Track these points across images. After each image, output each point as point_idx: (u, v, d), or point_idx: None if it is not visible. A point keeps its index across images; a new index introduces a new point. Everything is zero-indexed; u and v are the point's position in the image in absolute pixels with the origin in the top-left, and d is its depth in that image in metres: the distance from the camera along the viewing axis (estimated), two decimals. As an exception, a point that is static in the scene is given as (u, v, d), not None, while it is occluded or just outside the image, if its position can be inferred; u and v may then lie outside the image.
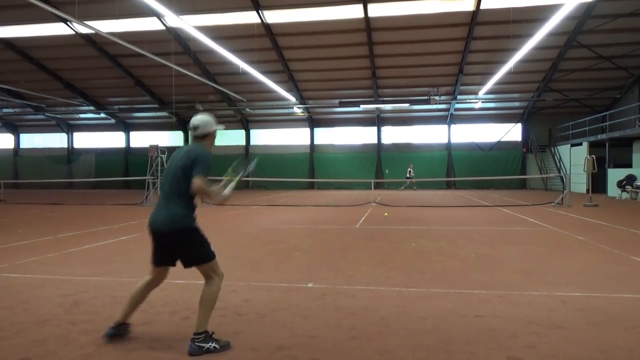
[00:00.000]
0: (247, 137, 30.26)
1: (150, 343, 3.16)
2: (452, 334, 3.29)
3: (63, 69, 25.17)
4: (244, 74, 21.19)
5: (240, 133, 30.25)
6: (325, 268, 5.55)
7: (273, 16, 19.30)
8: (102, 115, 29.94)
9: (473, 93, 24.75)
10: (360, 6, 18.12)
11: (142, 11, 18.14)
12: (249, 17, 19.14)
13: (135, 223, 10.33)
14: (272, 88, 22.16)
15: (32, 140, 33.69)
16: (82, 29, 20.20)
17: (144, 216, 11.72)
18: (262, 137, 30.45)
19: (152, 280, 3.27)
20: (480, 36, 20.10)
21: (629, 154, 19.30)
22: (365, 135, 29.27)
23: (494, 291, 4.42)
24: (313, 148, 29.64)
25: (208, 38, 15.67)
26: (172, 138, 31.04)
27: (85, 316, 3.71)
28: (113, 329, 3.20)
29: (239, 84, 24.19)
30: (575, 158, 22.30)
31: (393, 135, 29.13)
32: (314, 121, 29.59)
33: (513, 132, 27.96)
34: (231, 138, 30.03)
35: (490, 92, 24.23)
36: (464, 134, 28.35)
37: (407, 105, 25.67)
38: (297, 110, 27.35)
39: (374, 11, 18.54)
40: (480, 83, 23.12)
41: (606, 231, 8.64)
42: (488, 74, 21.51)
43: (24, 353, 2.98)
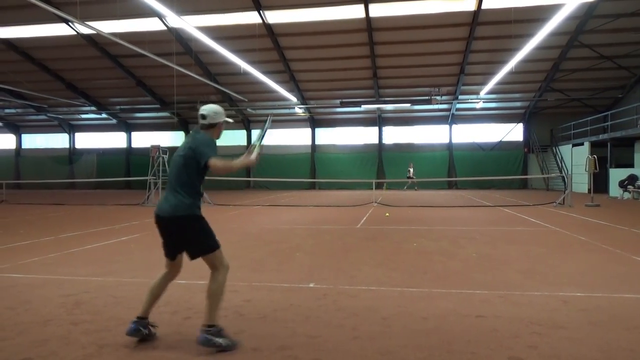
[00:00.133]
0: (249, 137, 30.28)
1: (151, 343, 3.17)
2: (454, 334, 3.28)
3: (65, 70, 25.23)
4: (246, 74, 21.21)
5: (241, 133, 30.27)
6: (326, 268, 5.55)
7: (274, 16, 19.33)
8: (104, 115, 30.01)
9: (474, 93, 24.73)
10: (361, 6, 18.12)
11: (144, 12, 18.19)
12: (250, 18, 19.17)
13: (136, 223, 10.34)
14: (274, 88, 22.18)
15: (34, 140, 33.76)
16: (84, 30, 20.23)
17: (146, 216, 11.77)
18: (264, 137, 30.41)
19: (168, 273, 3.31)
20: (481, 36, 20.09)
21: (631, 154, 19.26)
22: (366, 135, 29.28)
23: (496, 291, 4.41)
24: (314, 148, 29.65)
25: (209, 38, 15.68)
26: (174, 138, 31.08)
27: (86, 316, 3.72)
28: (134, 324, 3.15)
29: (240, 84, 24.22)
30: (576, 158, 22.26)
31: (394, 135, 29.12)
32: (316, 121, 29.60)
33: (514, 132, 27.94)
34: (232, 138, 30.05)
35: (491, 92, 24.21)
36: (466, 134, 28.33)
37: (409, 105, 25.67)
38: (299, 110, 27.37)
39: (375, 11, 18.55)
40: (481, 83, 23.11)
41: (608, 231, 8.63)
42: (489, 74, 21.49)
43: (26, 353, 2.99)
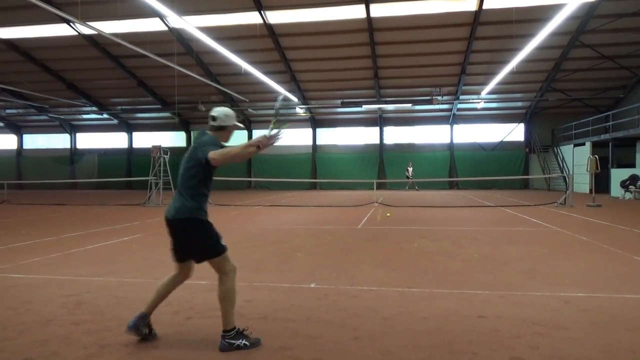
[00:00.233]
0: (250, 138, 30.29)
1: (153, 343, 3.17)
2: (455, 335, 3.28)
3: (66, 70, 25.26)
4: (247, 75, 21.22)
5: (242, 133, 30.25)
6: (327, 268, 5.55)
7: (275, 17, 19.33)
8: (105, 115, 30.04)
9: (475, 93, 24.71)
10: (362, 6, 18.11)
11: (145, 12, 18.21)
12: (252, 18, 19.17)
13: (138, 224, 10.35)
14: (275, 88, 22.18)
15: (35, 140, 33.81)
16: (85, 30, 20.24)
17: (147, 217, 11.78)
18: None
19: (176, 275, 3.28)
20: (482, 36, 20.07)
21: (632, 154, 19.23)
22: (367, 135, 29.27)
23: (497, 292, 4.41)
24: (315, 148, 29.65)
25: (210, 39, 15.69)
26: (175, 138, 31.11)
27: (88, 316, 3.72)
28: (137, 320, 3.14)
29: (242, 85, 24.23)
30: (578, 158, 22.23)
31: (395, 135, 29.12)
32: (317, 121, 29.60)
33: (516, 132, 27.91)
34: (233, 139, 29.20)
35: (492, 92, 24.20)
36: (467, 134, 28.30)
37: (410, 105, 25.67)
38: (300, 110, 27.37)
39: (376, 11, 18.53)
40: (482, 83, 23.09)
41: (609, 231, 8.61)
42: (490, 74, 21.47)
43: (27, 353, 2.99)
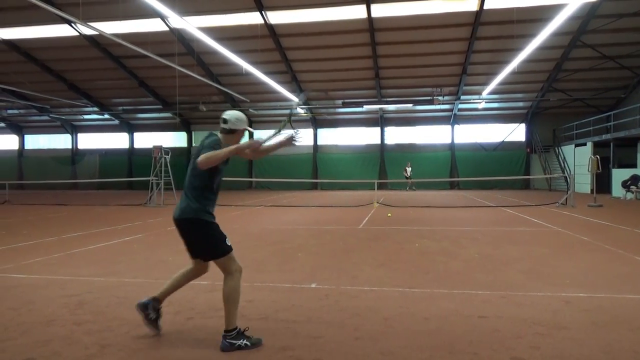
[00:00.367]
0: (251, 138, 30.30)
1: (154, 343, 3.17)
2: (456, 335, 3.28)
3: (67, 70, 25.30)
4: (248, 75, 21.24)
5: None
6: (328, 269, 5.55)
7: (276, 17, 19.34)
8: (106, 116, 30.08)
9: (476, 93, 24.69)
10: (363, 7, 18.12)
11: (146, 12, 18.24)
12: (253, 18, 19.18)
13: (139, 224, 10.36)
14: (276, 89, 22.19)
15: (37, 141, 33.86)
16: (86, 31, 20.27)
17: (148, 217, 11.79)
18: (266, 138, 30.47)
19: (191, 270, 3.36)
20: (483, 36, 20.06)
21: (634, 154, 19.20)
22: (368, 135, 29.27)
23: (498, 292, 4.40)
24: (316, 148, 29.65)
25: (211, 39, 15.71)
26: (176, 139, 31.15)
27: (89, 316, 3.72)
28: (148, 300, 3.25)
29: (243, 85, 24.24)
30: (579, 158, 22.20)
31: (396, 135, 29.12)
32: (318, 122, 29.60)
33: (517, 132, 27.89)
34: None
35: (493, 92, 24.19)
36: (468, 134, 28.29)
37: (411, 105, 25.67)
38: (301, 110, 27.37)
39: (377, 11, 18.54)
40: (483, 83, 23.08)
41: (610, 231, 8.60)
42: (492, 74, 21.46)
43: (29, 353, 2.99)
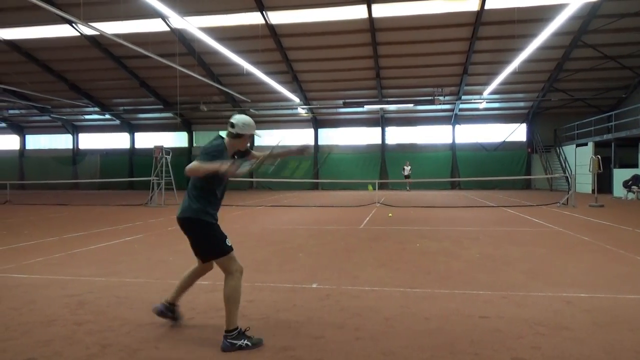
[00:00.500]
0: (252, 138, 30.30)
1: (155, 343, 3.17)
2: (457, 335, 3.28)
3: (68, 71, 25.33)
4: (248, 75, 21.25)
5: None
6: (329, 269, 5.55)
7: (277, 17, 19.34)
8: (107, 116, 30.11)
9: (477, 93, 24.67)
10: (364, 7, 18.12)
11: (147, 13, 18.25)
12: (253, 18, 19.19)
13: (140, 224, 10.37)
14: (276, 89, 22.20)
15: (38, 141, 33.90)
16: (88, 31, 20.30)
17: (149, 217, 11.80)
18: (267, 138, 30.47)
19: (196, 269, 3.47)
20: (484, 36, 20.05)
21: (635, 154, 19.17)
22: (369, 135, 29.25)
23: (499, 292, 4.40)
24: (317, 149, 29.65)
25: (212, 39, 15.72)
26: (177, 139, 31.17)
27: (90, 316, 3.73)
28: (162, 305, 3.45)
29: (243, 85, 24.24)
30: (580, 158, 22.18)
31: (397, 135, 29.10)
32: (318, 122, 29.60)
33: (518, 133, 27.86)
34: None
35: (494, 92, 24.16)
36: (469, 135, 28.26)
37: (412, 105, 25.65)
38: (302, 110, 27.37)
39: (378, 11, 18.53)
40: (484, 83, 23.06)
41: (612, 232, 8.59)
42: (493, 74, 21.44)
43: (30, 353, 3.00)
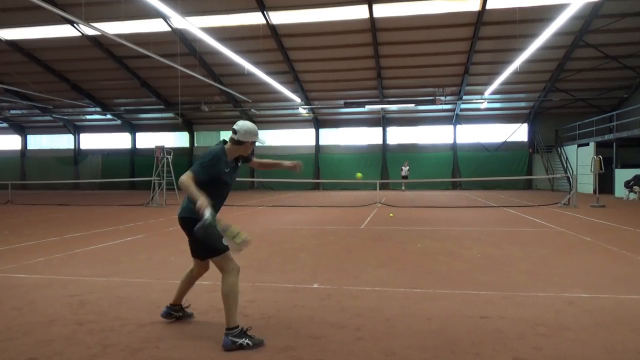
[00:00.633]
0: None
1: (156, 343, 3.17)
2: (458, 335, 3.27)
3: (70, 71, 25.36)
4: (250, 75, 21.26)
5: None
6: (330, 269, 5.54)
7: (278, 17, 19.35)
8: (109, 116, 30.16)
9: (479, 93, 24.66)
10: (365, 7, 18.12)
11: (148, 13, 18.27)
12: (255, 18, 19.21)
13: (141, 224, 10.38)
14: (278, 89, 22.21)
15: (39, 141, 33.96)
16: (89, 31, 20.33)
17: (150, 217, 11.81)
18: (268, 138, 30.51)
19: (192, 270, 3.51)
20: (486, 36, 20.04)
21: (637, 154, 19.17)
22: (370, 135, 29.25)
23: (500, 292, 4.39)
24: (318, 149, 29.65)
25: (213, 39, 15.72)
26: (178, 139, 31.20)
27: (91, 316, 3.73)
28: (167, 308, 3.55)
29: (245, 85, 24.25)
30: (582, 158, 22.15)
31: (398, 135, 29.09)
32: (319, 122, 29.60)
33: (519, 133, 27.83)
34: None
35: (496, 92, 24.14)
36: (470, 135, 28.24)
37: (413, 105, 25.64)
38: (303, 111, 27.37)
39: (379, 12, 18.54)
40: (486, 83, 23.05)
41: (613, 232, 8.58)
42: (494, 74, 21.43)
43: (31, 353, 3.00)
